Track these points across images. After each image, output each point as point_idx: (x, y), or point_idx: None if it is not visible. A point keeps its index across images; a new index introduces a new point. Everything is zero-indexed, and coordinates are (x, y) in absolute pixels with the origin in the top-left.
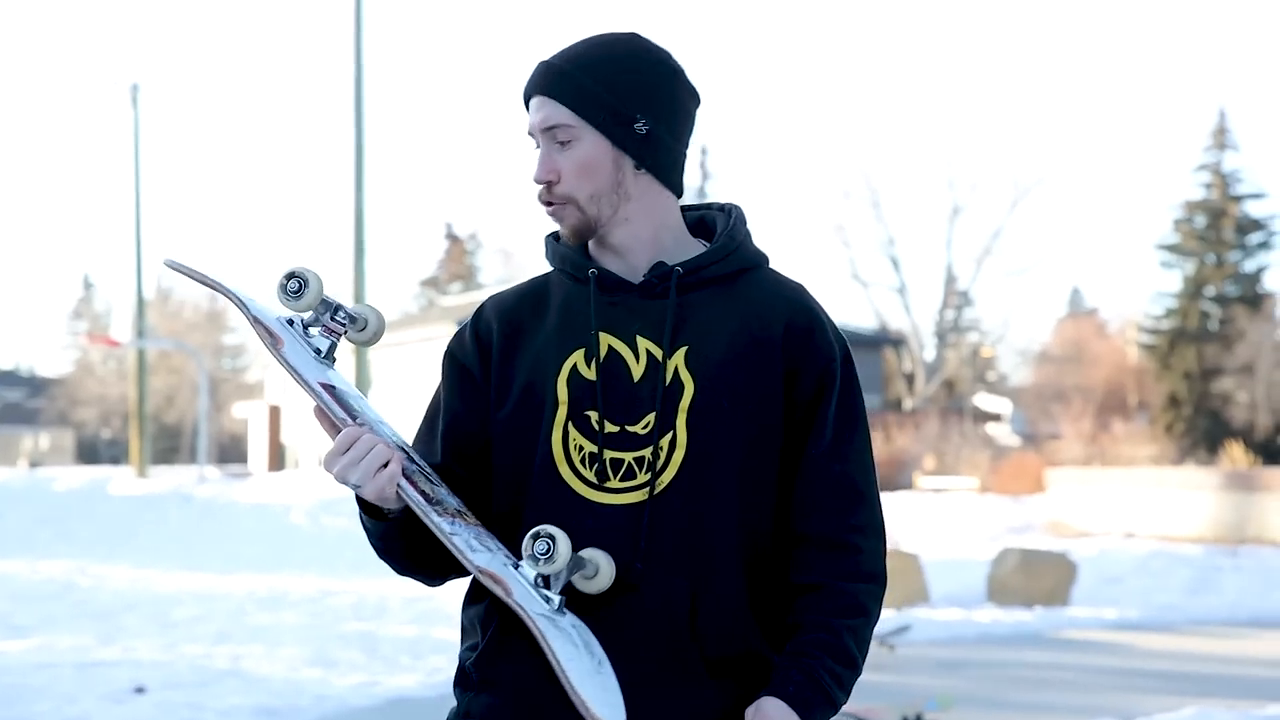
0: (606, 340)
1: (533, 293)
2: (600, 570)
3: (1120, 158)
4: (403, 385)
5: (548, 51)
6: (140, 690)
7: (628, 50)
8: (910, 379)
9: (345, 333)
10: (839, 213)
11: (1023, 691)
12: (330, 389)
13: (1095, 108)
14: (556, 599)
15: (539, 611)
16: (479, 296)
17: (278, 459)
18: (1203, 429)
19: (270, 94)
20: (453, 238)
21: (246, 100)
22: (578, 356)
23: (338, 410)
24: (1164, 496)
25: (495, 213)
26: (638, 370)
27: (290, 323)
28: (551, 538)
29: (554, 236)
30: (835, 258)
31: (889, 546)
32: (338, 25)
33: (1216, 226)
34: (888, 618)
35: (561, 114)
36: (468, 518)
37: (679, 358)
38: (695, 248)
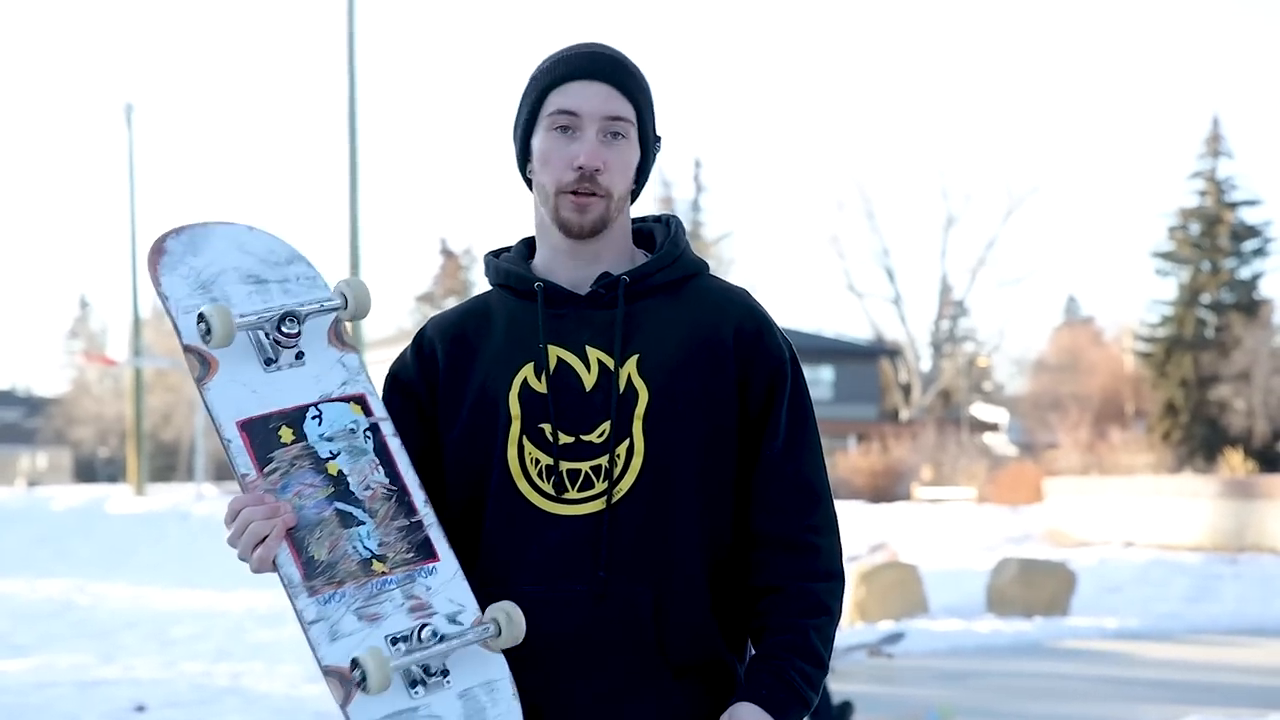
0: (555, 352)
1: (474, 312)
2: (502, 625)
3: (1114, 165)
4: None
5: (534, 63)
6: (140, 709)
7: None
8: (906, 389)
9: (295, 337)
10: (834, 224)
11: (1023, 702)
12: (248, 426)
13: (1089, 116)
14: (421, 696)
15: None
16: None
17: None
18: (1200, 437)
19: (264, 111)
20: (447, 253)
21: (240, 118)
22: (527, 370)
23: (238, 465)
24: (1162, 505)
25: (490, 228)
26: (589, 380)
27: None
28: (436, 633)
29: (493, 254)
30: (830, 269)
31: (887, 557)
32: (330, 42)
33: (1212, 234)
34: (883, 628)
35: (627, 110)
36: (378, 568)
37: (631, 365)
38: (639, 258)
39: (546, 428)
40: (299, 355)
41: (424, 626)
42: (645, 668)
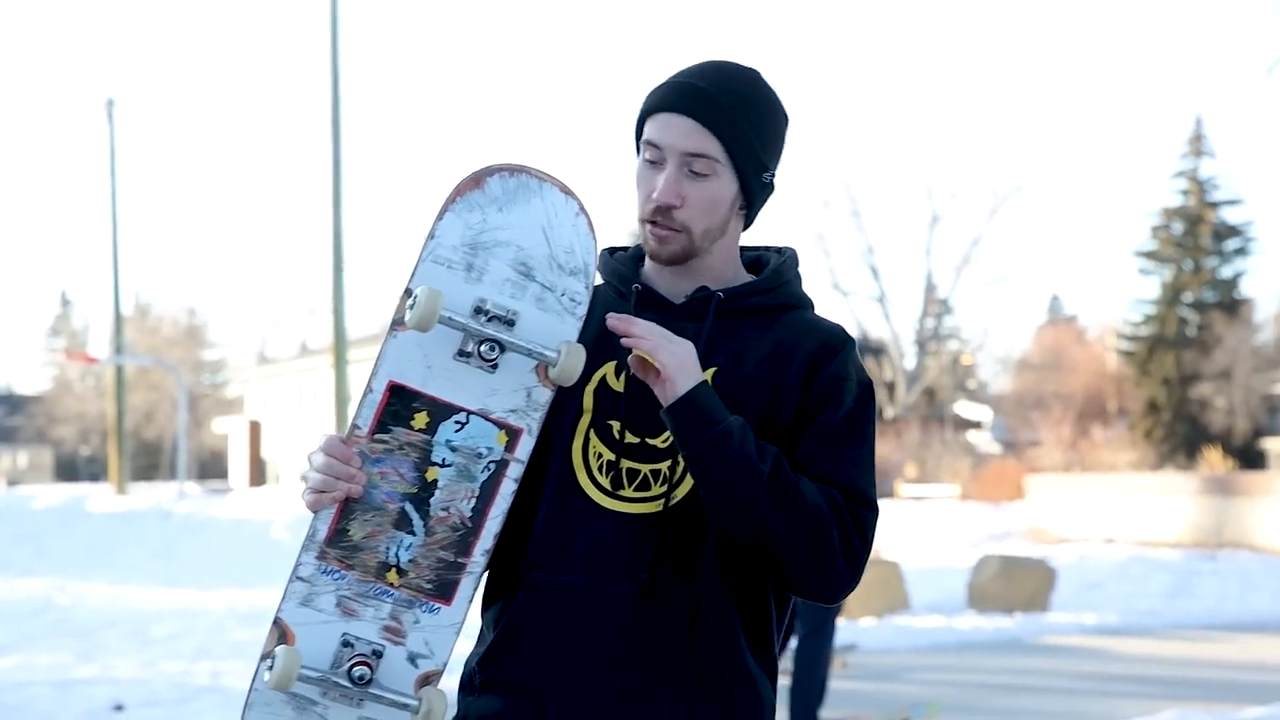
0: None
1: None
2: (422, 714)
3: (1098, 165)
4: None
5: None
6: (119, 708)
7: (768, 94)
8: (891, 387)
9: (493, 360)
10: (819, 222)
11: (1003, 697)
12: (397, 391)
13: (1073, 116)
14: (351, 688)
15: (305, 673)
16: None
17: (258, 474)
18: (1181, 434)
19: (247, 108)
20: None
21: (224, 115)
22: (608, 368)
23: (361, 414)
24: (1143, 502)
25: None
26: None
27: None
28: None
29: (609, 251)
30: (815, 267)
31: (871, 554)
32: (314, 40)
33: (1194, 233)
34: (864, 624)
35: (712, 146)
36: (391, 578)
37: (707, 377)
38: (744, 279)
39: (615, 425)
40: (494, 365)
41: (365, 662)
42: (671, 674)
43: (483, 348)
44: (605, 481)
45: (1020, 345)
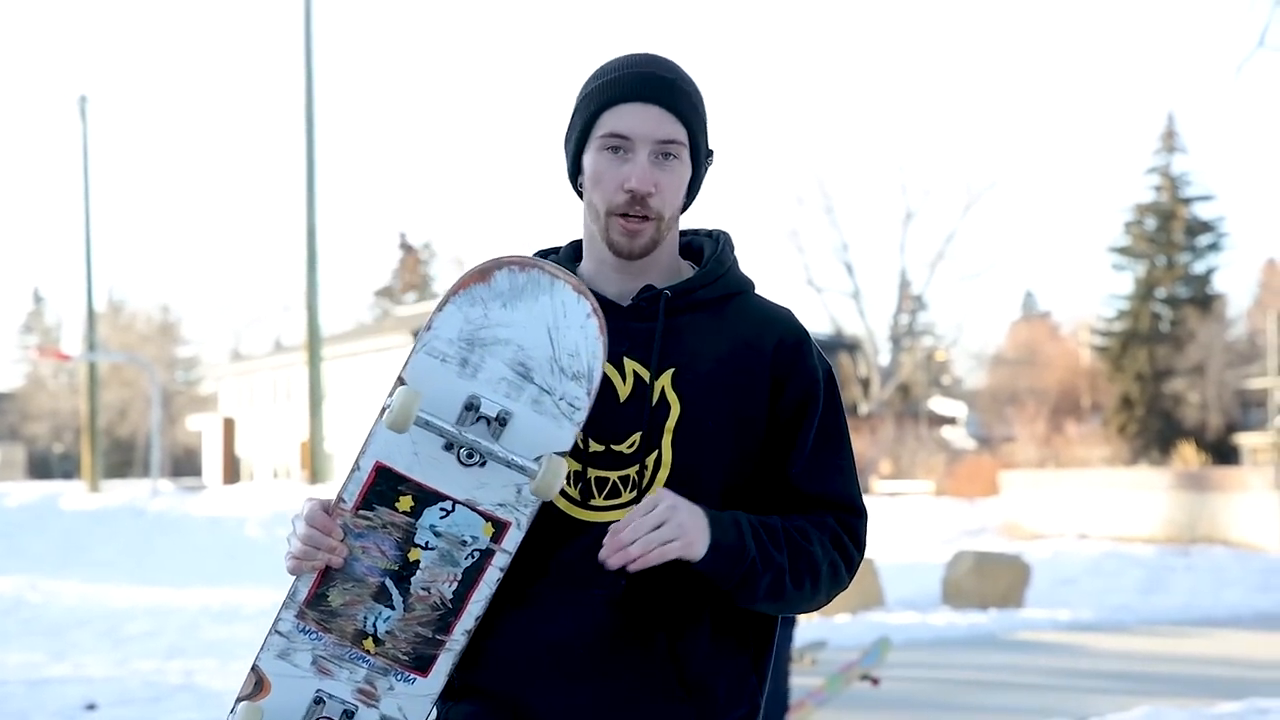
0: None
1: None
2: None
3: (1071, 161)
4: (357, 395)
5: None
6: (91, 707)
7: (696, 83)
8: (865, 384)
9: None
10: (793, 218)
11: (978, 693)
12: (383, 472)
13: (1046, 112)
14: None
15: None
16: (433, 306)
17: (232, 472)
18: (1155, 430)
19: (221, 104)
20: (407, 247)
21: (197, 111)
22: None
23: (346, 489)
24: (1116, 497)
25: (449, 222)
26: (624, 390)
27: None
28: None
29: (542, 254)
30: (789, 263)
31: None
32: (288, 36)
33: (1167, 229)
34: (839, 621)
35: (680, 133)
36: (367, 645)
37: (666, 378)
38: (685, 271)
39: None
40: (481, 462)
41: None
42: (651, 679)
43: (461, 452)
44: (574, 492)
45: (994, 341)
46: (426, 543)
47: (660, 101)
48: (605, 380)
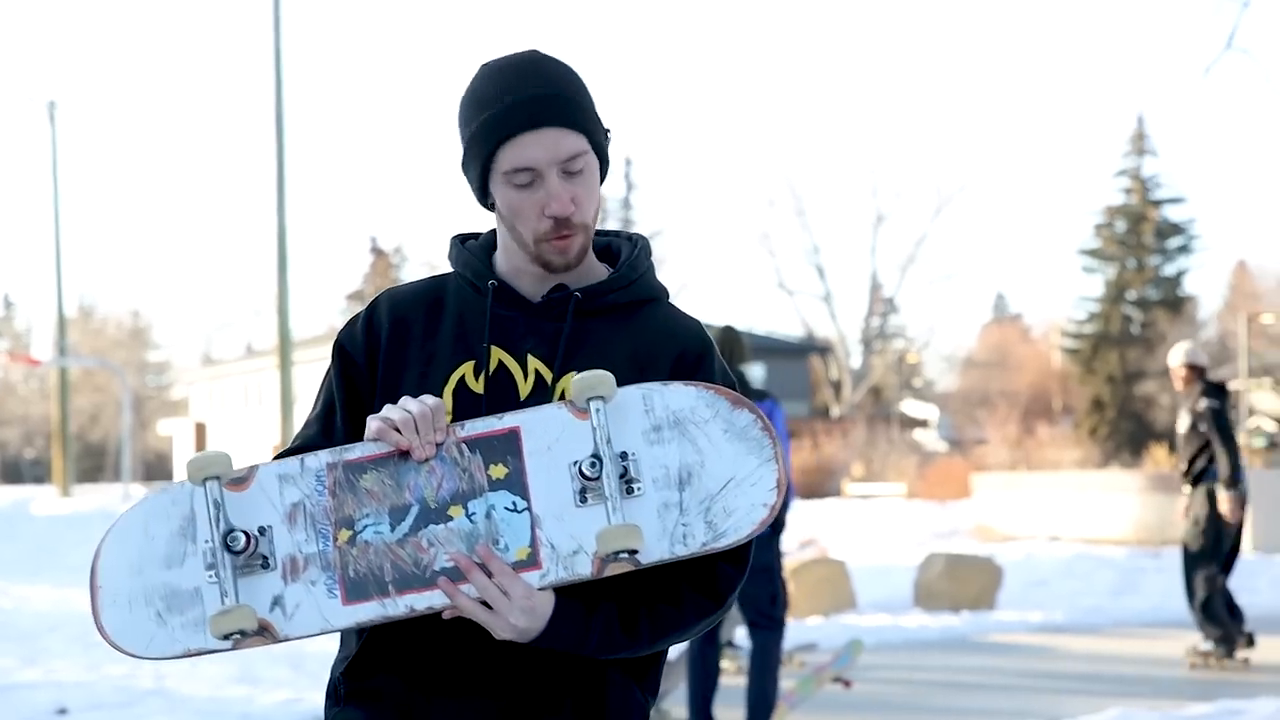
0: (498, 355)
1: (429, 292)
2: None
3: (1041, 164)
4: None
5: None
6: (63, 712)
7: (569, 66)
8: (837, 386)
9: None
10: (764, 221)
11: (950, 696)
12: (508, 433)
13: (1016, 115)
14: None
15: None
16: None
17: None
18: (1126, 432)
19: (189, 107)
20: (378, 251)
21: (166, 115)
22: (466, 368)
23: (481, 421)
24: (1088, 500)
25: (420, 226)
26: (525, 388)
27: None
28: None
29: (459, 240)
30: (761, 266)
31: (816, 553)
32: (257, 40)
33: (1137, 231)
34: (811, 623)
35: (581, 142)
36: (341, 535)
37: (567, 381)
38: (600, 272)
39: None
40: (584, 500)
41: (250, 538)
42: (539, 686)
43: (583, 476)
44: None
45: (966, 344)
46: (474, 513)
47: (554, 122)
48: (508, 376)
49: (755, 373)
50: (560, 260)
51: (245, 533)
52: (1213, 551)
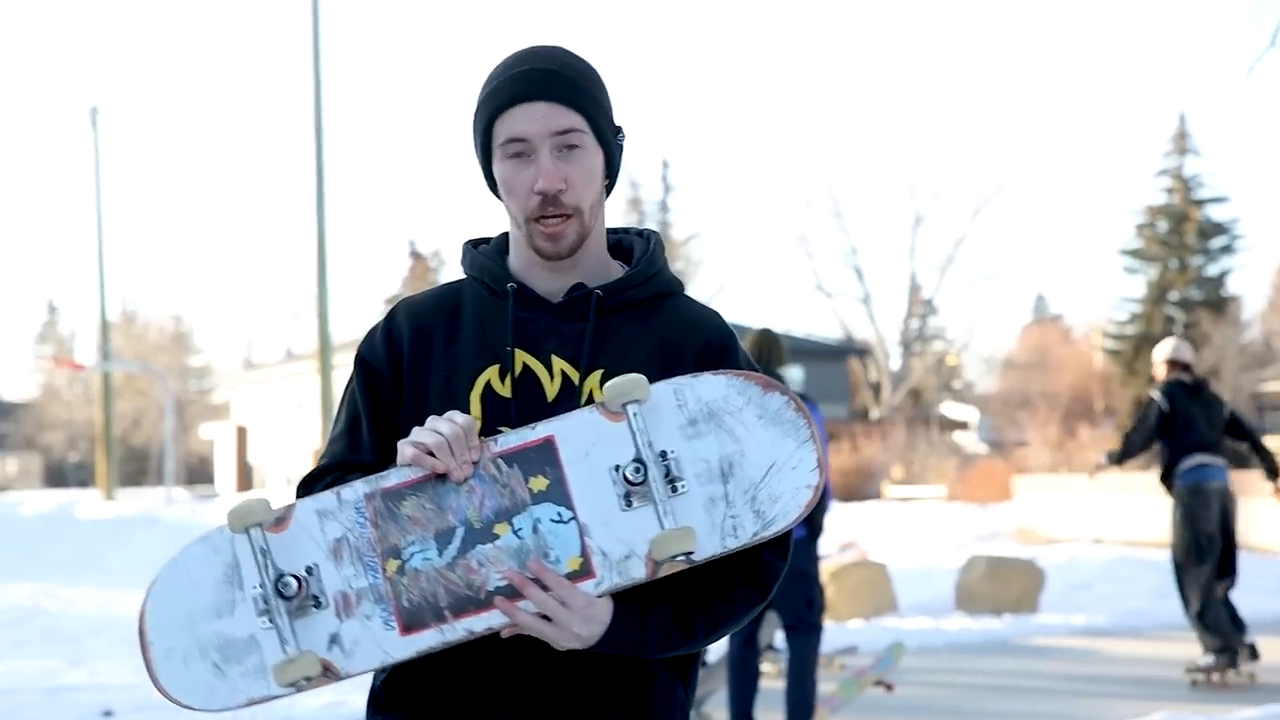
0: (522, 357)
1: (446, 301)
2: None
3: (1081, 164)
4: None
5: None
6: (108, 714)
7: (589, 63)
8: (876, 389)
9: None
10: (801, 223)
11: (992, 699)
12: (544, 442)
13: (1056, 114)
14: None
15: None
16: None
17: (245, 479)
18: None
19: (231, 113)
20: (416, 255)
21: (207, 120)
22: (492, 373)
23: (513, 435)
24: (1130, 502)
25: (458, 230)
26: (552, 389)
27: None
28: None
29: (472, 244)
30: (799, 269)
31: (857, 555)
32: (297, 44)
33: (1179, 231)
34: (852, 627)
35: (575, 120)
36: (390, 565)
37: (594, 380)
38: (615, 270)
39: (505, 431)
40: (629, 504)
41: (301, 581)
42: (580, 690)
43: (627, 478)
44: None
45: (1005, 345)
46: (520, 529)
47: (546, 96)
48: (534, 378)
49: (794, 375)
50: (550, 248)
51: (296, 577)
52: (1195, 554)
